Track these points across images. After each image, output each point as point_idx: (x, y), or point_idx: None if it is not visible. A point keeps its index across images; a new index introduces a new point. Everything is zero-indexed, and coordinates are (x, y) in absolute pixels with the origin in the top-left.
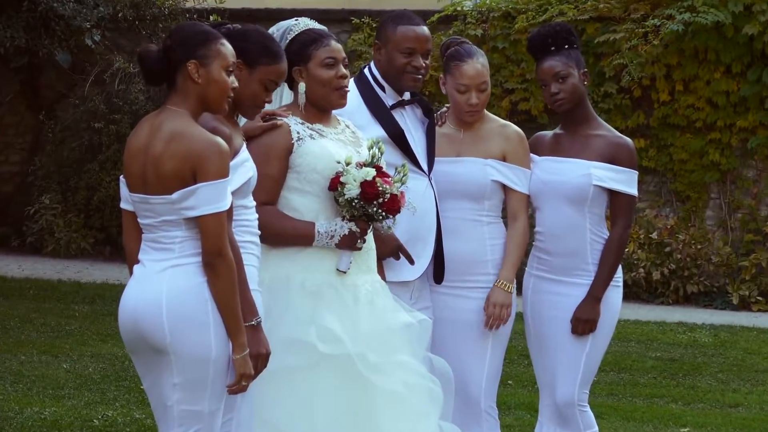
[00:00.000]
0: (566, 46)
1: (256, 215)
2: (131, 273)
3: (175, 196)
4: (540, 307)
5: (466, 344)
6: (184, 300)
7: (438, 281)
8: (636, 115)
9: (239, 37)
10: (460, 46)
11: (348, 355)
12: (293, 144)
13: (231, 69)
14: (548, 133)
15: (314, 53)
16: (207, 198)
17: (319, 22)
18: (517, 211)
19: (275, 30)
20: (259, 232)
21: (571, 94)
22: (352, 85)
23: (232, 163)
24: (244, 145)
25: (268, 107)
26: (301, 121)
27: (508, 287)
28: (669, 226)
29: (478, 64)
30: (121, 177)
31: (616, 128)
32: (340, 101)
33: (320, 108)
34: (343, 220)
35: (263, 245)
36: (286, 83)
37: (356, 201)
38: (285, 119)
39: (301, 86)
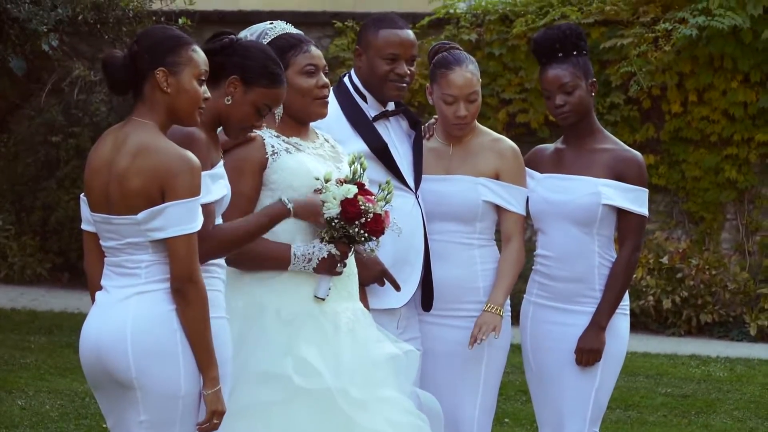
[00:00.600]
0: (574, 53)
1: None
2: (93, 300)
3: (141, 216)
4: (541, 338)
5: (456, 378)
6: (151, 330)
7: (426, 309)
8: (645, 128)
9: (242, 53)
10: (449, 52)
11: (327, 390)
12: (267, 159)
13: (203, 78)
14: (549, 147)
15: (293, 60)
16: (176, 218)
17: (298, 26)
18: (512, 233)
19: (248, 33)
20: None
21: (578, 106)
22: (331, 95)
23: (206, 174)
24: (222, 162)
25: None
26: (276, 133)
27: (498, 310)
28: (681, 250)
29: (467, 72)
30: (82, 195)
31: (623, 142)
32: (321, 111)
33: (298, 120)
34: (321, 242)
35: (237, 270)
36: None
37: (336, 221)
38: (258, 132)
39: None
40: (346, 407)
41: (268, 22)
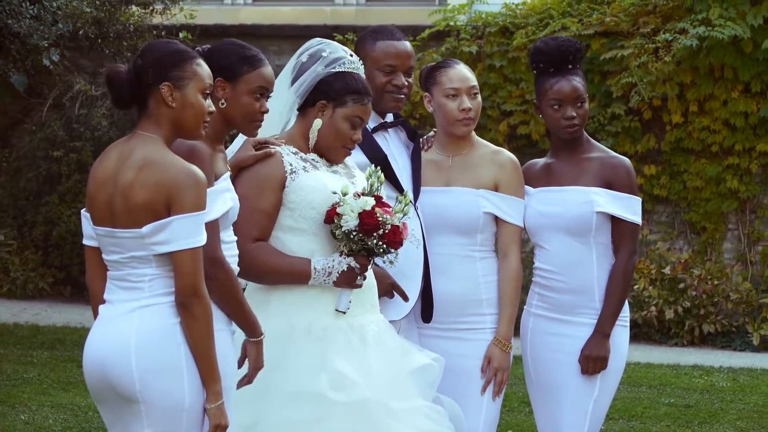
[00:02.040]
0: (578, 66)
1: (236, 251)
2: (96, 315)
3: (145, 229)
4: (541, 350)
5: (459, 392)
6: (154, 344)
7: (426, 320)
8: (646, 139)
9: (211, 55)
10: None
11: (365, 401)
12: (287, 176)
13: (208, 92)
14: (539, 162)
15: (349, 103)
16: (181, 232)
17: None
18: (509, 245)
19: (311, 49)
20: (238, 269)
21: (584, 119)
22: None
23: (211, 190)
24: (228, 174)
25: (265, 135)
26: (294, 150)
27: (507, 347)
28: (683, 261)
29: (465, 68)
30: (83, 211)
31: (625, 153)
32: (340, 158)
33: (319, 152)
34: (341, 255)
35: (262, 292)
36: (297, 110)
37: (355, 233)
38: (277, 148)
39: (317, 123)
40: (383, 418)
41: (346, 52)
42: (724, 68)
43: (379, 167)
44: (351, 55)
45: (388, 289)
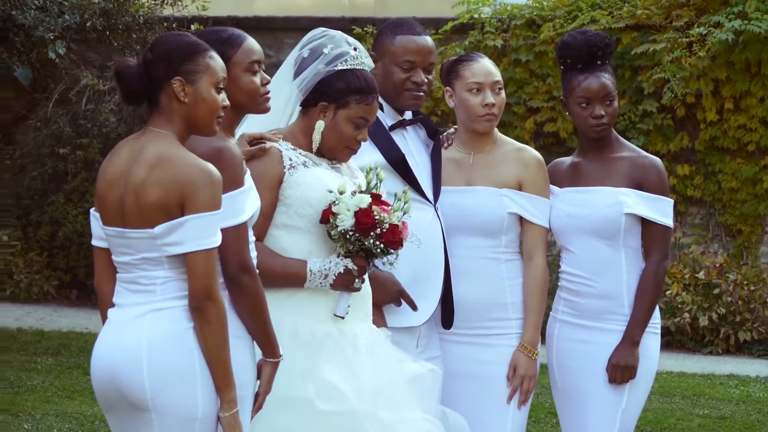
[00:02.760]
0: (608, 62)
1: (255, 253)
2: (104, 319)
3: (158, 230)
4: (567, 358)
5: (484, 400)
6: (167, 349)
7: (447, 326)
8: (679, 138)
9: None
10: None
11: (353, 412)
12: (285, 172)
13: (221, 85)
14: (565, 161)
15: (352, 104)
16: (196, 232)
17: None
18: (534, 247)
19: (313, 43)
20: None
21: (613, 118)
22: None
23: (242, 190)
24: (249, 173)
25: (261, 131)
26: (293, 146)
27: (533, 353)
28: (718, 265)
29: (489, 62)
30: (92, 210)
31: (656, 152)
32: (345, 158)
33: (323, 153)
34: (338, 257)
35: None
36: (301, 105)
37: (351, 233)
38: (276, 144)
39: (319, 125)
40: (371, 429)
41: (350, 44)
42: (761, 63)
43: (377, 165)
44: (355, 49)
45: (396, 296)
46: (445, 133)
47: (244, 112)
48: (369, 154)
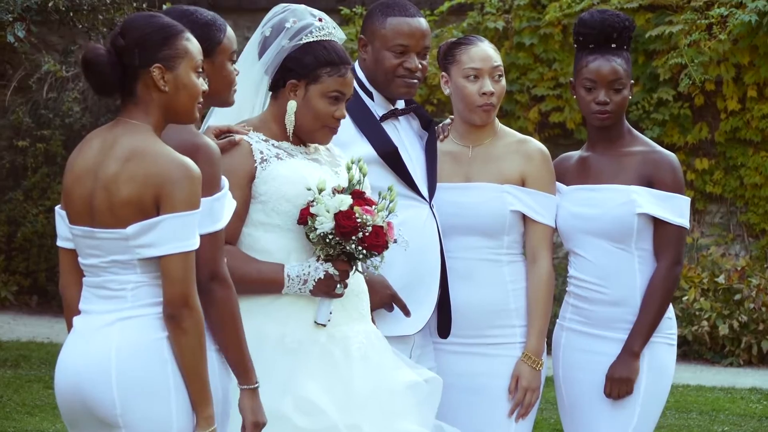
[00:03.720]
0: (625, 47)
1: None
2: (69, 327)
3: (130, 230)
4: (575, 369)
5: (483, 415)
6: (138, 360)
7: (444, 335)
8: (698, 129)
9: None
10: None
11: (334, 427)
12: (256, 167)
13: (200, 69)
14: (573, 155)
15: (323, 77)
16: (172, 234)
17: None
18: (539, 248)
19: (274, 19)
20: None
21: (620, 108)
22: None
23: (220, 195)
24: (225, 178)
25: (225, 123)
26: (264, 137)
27: (538, 364)
28: (739, 268)
29: (489, 47)
30: (58, 208)
31: (673, 145)
32: (325, 140)
33: (301, 137)
34: (318, 260)
35: None
36: (270, 90)
37: (331, 237)
38: (245, 137)
39: (291, 105)
40: None
41: (313, 15)
42: None
43: (360, 158)
44: (320, 20)
45: (387, 300)
46: (440, 125)
47: (211, 104)
48: (359, 146)
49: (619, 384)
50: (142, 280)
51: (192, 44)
